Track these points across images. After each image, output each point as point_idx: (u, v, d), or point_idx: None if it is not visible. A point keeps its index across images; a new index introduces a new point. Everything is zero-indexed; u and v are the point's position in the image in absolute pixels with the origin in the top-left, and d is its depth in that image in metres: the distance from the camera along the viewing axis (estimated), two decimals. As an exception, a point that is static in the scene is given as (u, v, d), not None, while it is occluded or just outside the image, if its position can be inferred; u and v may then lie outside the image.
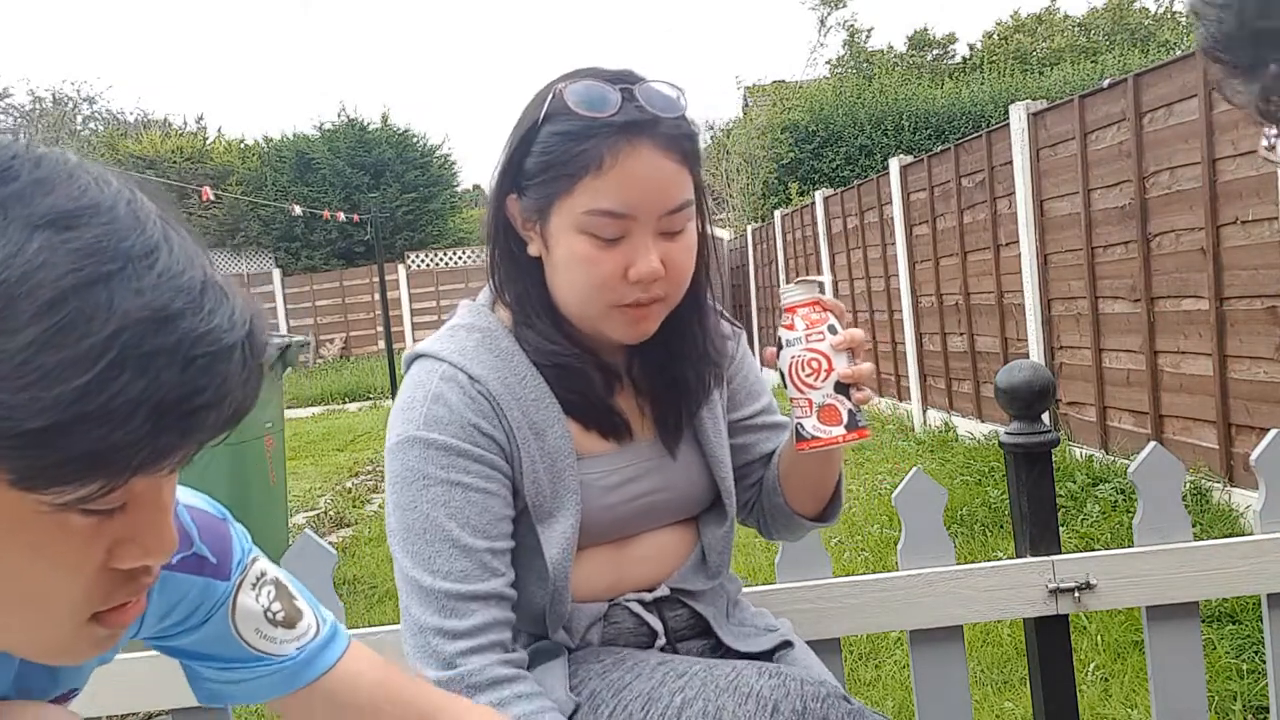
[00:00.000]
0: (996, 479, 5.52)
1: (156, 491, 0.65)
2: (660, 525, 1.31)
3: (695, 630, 1.34)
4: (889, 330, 9.04)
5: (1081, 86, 15.12)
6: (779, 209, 13.41)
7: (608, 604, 1.28)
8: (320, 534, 5.49)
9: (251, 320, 0.63)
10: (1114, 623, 3.40)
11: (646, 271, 1.15)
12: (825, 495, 1.38)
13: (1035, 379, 1.69)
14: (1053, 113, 5.90)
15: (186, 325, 0.59)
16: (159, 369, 0.57)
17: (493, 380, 1.20)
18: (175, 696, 1.60)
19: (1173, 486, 1.69)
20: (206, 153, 25.10)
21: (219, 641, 0.90)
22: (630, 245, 1.15)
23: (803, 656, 1.37)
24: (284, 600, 0.92)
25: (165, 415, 0.58)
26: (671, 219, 1.17)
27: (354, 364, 19.11)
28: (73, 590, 0.64)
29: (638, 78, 1.17)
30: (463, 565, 1.14)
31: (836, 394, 1.17)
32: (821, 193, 10.71)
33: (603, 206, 1.14)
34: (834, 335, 1.17)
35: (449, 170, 25.89)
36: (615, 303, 1.18)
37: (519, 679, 1.15)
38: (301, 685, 0.93)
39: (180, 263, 0.60)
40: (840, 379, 1.17)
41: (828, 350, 1.17)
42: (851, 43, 25.24)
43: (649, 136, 1.14)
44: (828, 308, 1.18)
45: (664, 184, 1.15)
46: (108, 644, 0.70)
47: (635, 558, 1.29)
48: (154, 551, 0.66)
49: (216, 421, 0.61)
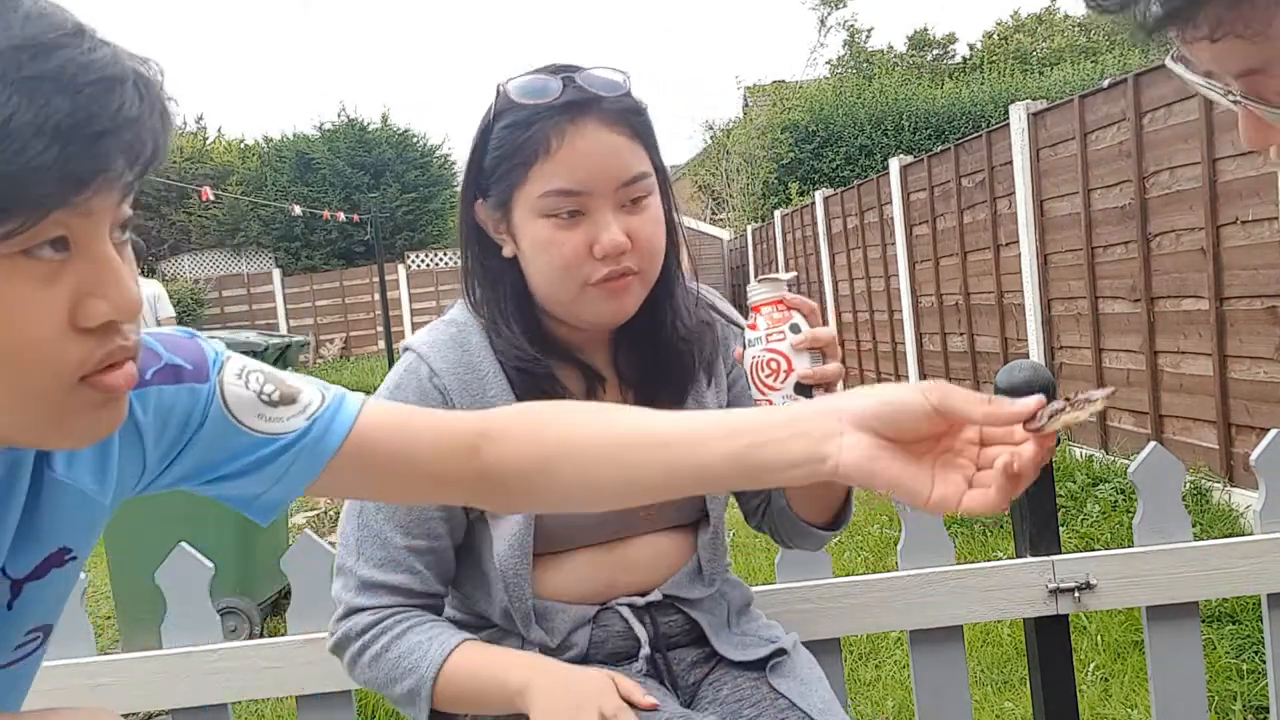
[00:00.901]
0: (996, 479, 5.51)
1: (101, 241, 0.66)
2: (653, 530, 1.30)
3: (690, 638, 1.32)
4: (889, 330, 9.04)
5: (1081, 86, 15.12)
6: (779, 209, 13.42)
7: (598, 607, 1.27)
8: (320, 534, 5.49)
9: (139, 67, 0.66)
10: (1114, 623, 3.40)
11: (610, 244, 1.16)
12: (834, 503, 1.33)
13: (1035, 379, 1.69)
14: (1053, 113, 5.90)
15: (65, 55, 0.61)
16: (47, 94, 0.59)
17: (449, 376, 1.23)
18: (175, 696, 1.60)
19: (1173, 486, 1.69)
20: (206, 153, 25.08)
21: (227, 439, 0.88)
22: (591, 222, 1.17)
23: (802, 669, 1.33)
24: (275, 382, 0.91)
25: (67, 142, 0.60)
26: (629, 190, 1.18)
27: (354, 364, 19.10)
28: (45, 347, 0.65)
29: (579, 66, 1.20)
30: (379, 555, 1.22)
31: (797, 395, 1.12)
32: (821, 193, 10.72)
33: (555, 186, 1.16)
34: (795, 335, 1.13)
35: (449, 170, 25.86)
36: (586, 280, 1.18)
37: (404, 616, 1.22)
38: (329, 456, 0.90)
39: (49, 8, 0.64)
40: (800, 380, 1.12)
41: (787, 350, 1.12)
42: (851, 43, 25.26)
43: (593, 114, 1.16)
44: (792, 305, 1.14)
45: (614, 157, 1.17)
46: (106, 415, 0.71)
47: (628, 562, 1.29)
48: (118, 304, 0.67)
49: (124, 152, 0.63)
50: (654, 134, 1.23)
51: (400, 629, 1.21)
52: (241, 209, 22.82)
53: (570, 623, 1.26)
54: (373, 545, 1.22)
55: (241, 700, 1.63)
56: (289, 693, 1.61)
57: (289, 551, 1.61)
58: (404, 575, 1.22)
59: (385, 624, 1.22)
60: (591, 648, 1.27)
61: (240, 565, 4.23)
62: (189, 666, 1.59)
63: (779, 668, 1.31)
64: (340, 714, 1.62)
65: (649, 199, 1.21)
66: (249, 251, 23.93)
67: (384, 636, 1.21)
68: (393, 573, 1.22)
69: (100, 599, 4.96)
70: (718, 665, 1.32)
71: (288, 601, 1.65)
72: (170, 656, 1.59)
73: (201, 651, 1.59)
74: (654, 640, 1.28)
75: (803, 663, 1.35)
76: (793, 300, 1.14)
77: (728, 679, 1.30)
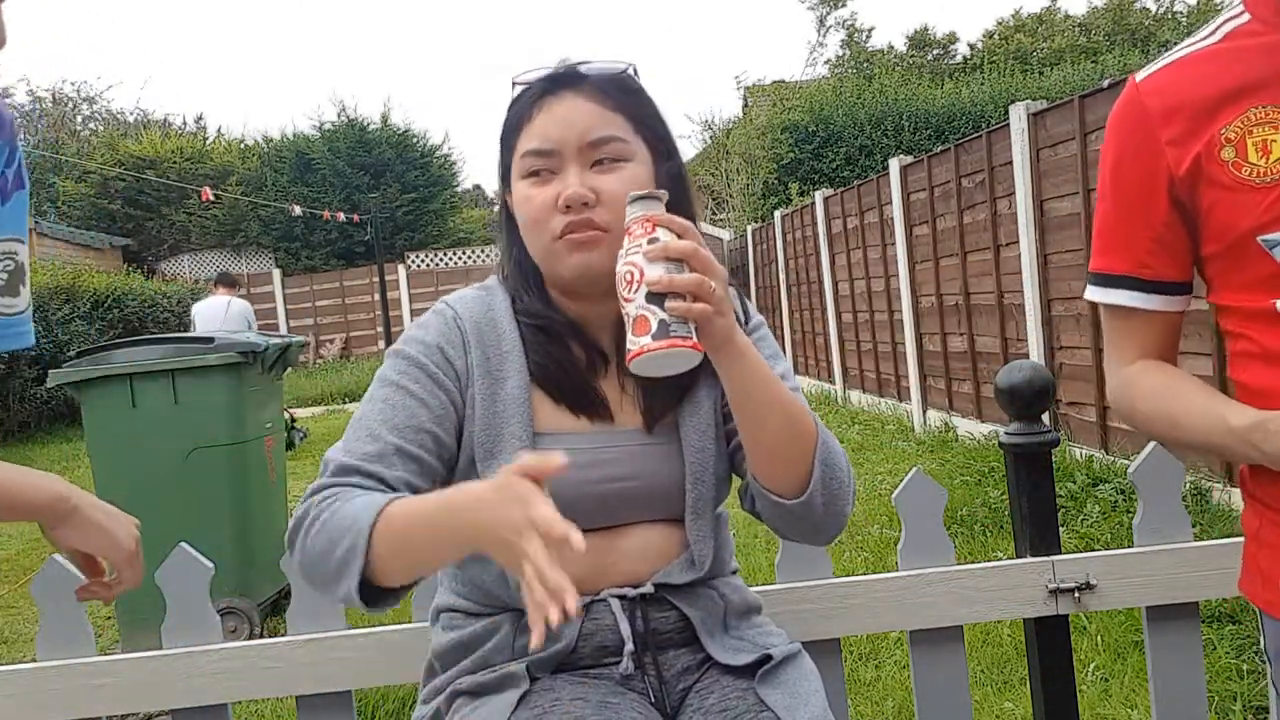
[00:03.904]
0: (996, 479, 5.52)
1: None
2: (644, 519, 1.30)
3: (683, 638, 1.30)
4: (889, 330, 9.04)
5: (1081, 86, 15.12)
6: (779, 209, 13.42)
7: (589, 599, 1.26)
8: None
9: None
10: (1114, 623, 3.40)
11: (570, 195, 1.23)
12: (794, 462, 1.23)
13: (1035, 379, 1.69)
14: (1053, 113, 5.90)
15: None
16: None
17: (469, 322, 1.31)
18: (175, 696, 1.60)
19: (1173, 487, 1.69)
20: (206, 153, 25.07)
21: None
22: (560, 179, 1.26)
23: (796, 682, 1.28)
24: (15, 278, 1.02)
25: None
26: (597, 150, 1.25)
27: (354, 364, 19.10)
28: None
29: (584, 60, 1.31)
30: (366, 448, 1.23)
31: (648, 304, 1.10)
32: (821, 193, 10.71)
33: (530, 147, 1.27)
34: (650, 245, 1.11)
35: (449, 170, 25.88)
36: (554, 234, 1.25)
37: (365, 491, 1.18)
38: None
39: None
40: (649, 288, 1.10)
41: (640, 261, 1.11)
42: (851, 43, 25.26)
43: (573, 87, 1.27)
44: (657, 222, 1.13)
45: (584, 120, 1.26)
46: None
47: (619, 551, 1.28)
48: None
49: None
50: (650, 113, 1.31)
51: (341, 500, 1.17)
52: (241, 209, 22.82)
53: None
54: (361, 439, 1.23)
55: (241, 700, 1.63)
56: (289, 693, 1.62)
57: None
58: (380, 466, 1.21)
59: (337, 492, 1.18)
60: (580, 640, 1.26)
61: (240, 565, 4.24)
62: (189, 666, 1.59)
63: (770, 677, 1.28)
64: (340, 714, 1.62)
65: (625, 164, 1.26)
66: (249, 251, 23.92)
67: (325, 511, 1.17)
68: (370, 462, 1.21)
69: (100, 599, 4.96)
70: (708, 671, 1.30)
71: (288, 601, 1.65)
72: (170, 656, 1.60)
73: (201, 651, 1.59)
74: (643, 638, 1.27)
75: (800, 675, 1.30)
76: (659, 217, 1.13)
77: (716, 687, 1.28)
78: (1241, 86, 1.14)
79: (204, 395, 4.19)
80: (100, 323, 13.75)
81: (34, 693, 1.58)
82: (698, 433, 1.32)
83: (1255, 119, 1.13)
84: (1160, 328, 1.29)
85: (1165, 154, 1.18)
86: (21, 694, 1.57)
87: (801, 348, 12.51)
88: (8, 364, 11.57)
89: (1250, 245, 1.14)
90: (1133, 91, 1.24)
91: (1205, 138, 1.15)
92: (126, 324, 14.25)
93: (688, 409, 1.32)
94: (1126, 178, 1.23)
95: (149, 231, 23.33)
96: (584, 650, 1.27)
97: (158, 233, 23.43)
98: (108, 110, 32.31)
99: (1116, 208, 1.25)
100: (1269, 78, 1.14)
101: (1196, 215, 1.19)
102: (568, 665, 1.27)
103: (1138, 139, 1.21)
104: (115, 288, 14.59)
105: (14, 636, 4.82)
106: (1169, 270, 1.23)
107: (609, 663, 1.27)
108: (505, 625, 1.28)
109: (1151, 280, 1.24)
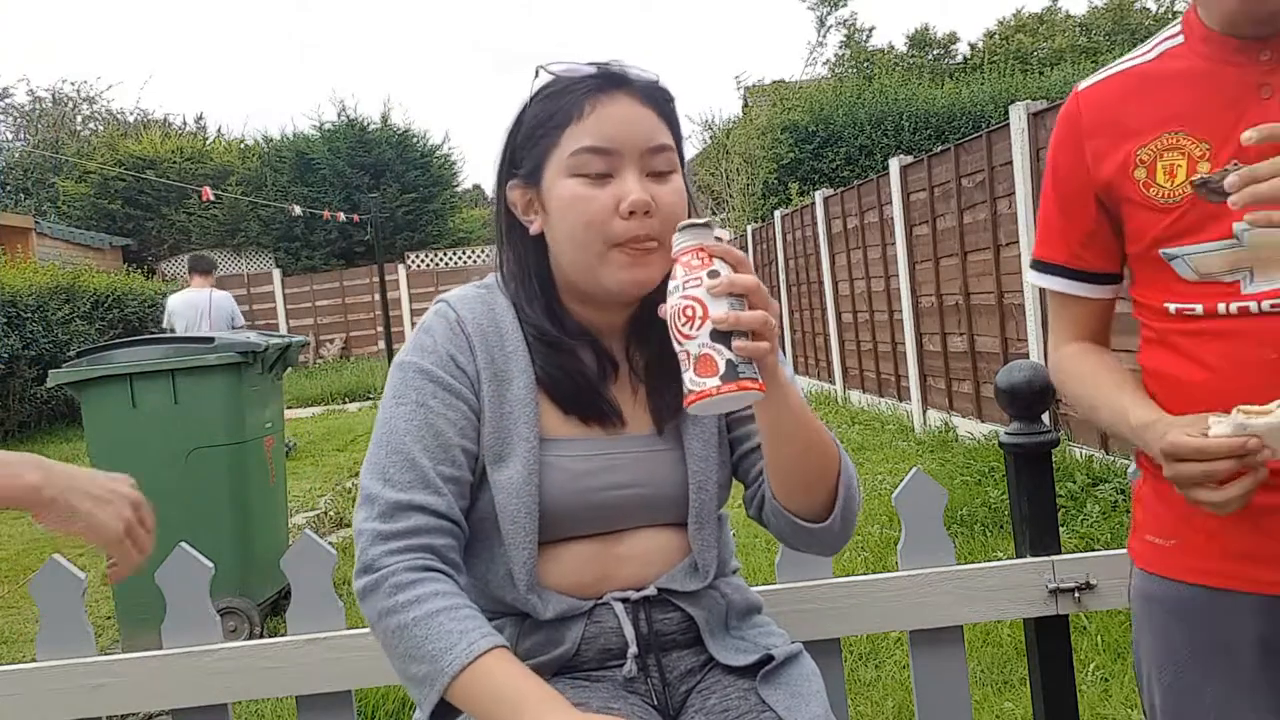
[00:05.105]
0: (996, 479, 5.52)
1: None
2: (649, 524, 1.30)
3: (686, 639, 1.30)
4: (889, 330, 9.04)
5: (1081, 86, 15.06)
6: (779, 209, 13.41)
7: (593, 602, 1.27)
8: (320, 534, 5.49)
9: None
10: (1114, 623, 3.40)
11: (638, 200, 1.19)
12: (818, 490, 1.26)
13: (1035, 379, 1.69)
14: (1053, 113, 5.90)
15: None
16: None
17: (473, 324, 1.28)
18: (175, 696, 1.60)
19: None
20: (206, 153, 25.07)
21: None
22: (618, 182, 1.21)
23: (798, 682, 1.29)
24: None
25: None
26: (654, 159, 1.23)
27: (354, 364, 19.10)
28: None
29: (614, 61, 1.28)
30: (408, 477, 1.21)
31: (714, 343, 1.06)
32: (821, 193, 10.71)
33: (586, 144, 1.21)
34: (712, 280, 1.07)
35: (449, 170, 25.88)
36: (611, 240, 1.21)
37: (438, 578, 1.17)
38: None
39: None
40: (715, 326, 1.06)
41: (703, 296, 1.07)
42: (851, 43, 25.26)
43: (624, 89, 1.24)
44: (713, 253, 1.09)
45: (642, 124, 1.23)
46: None
47: (623, 555, 1.28)
48: None
49: None
50: (679, 125, 1.30)
51: (433, 606, 1.14)
52: (241, 209, 22.81)
53: (560, 608, 1.25)
54: (400, 468, 1.21)
55: (241, 700, 1.63)
56: (289, 693, 1.61)
57: (289, 551, 1.61)
58: (431, 496, 1.21)
59: (418, 590, 1.15)
60: (583, 643, 1.26)
61: (240, 565, 4.24)
62: (189, 666, 1.59)
63: (772, 678, 1.28)
64: (340, 714, 1.62)
65: (673, 175, 1.25)
66: (249, 251, 23.92)
67: (414, 609, 1.14)
68: (419, 492, 1.20)
69: (100, 599, 4.96)
70: (710, 672, 1.30)
71: (288, 601, 1.65)
72: (170, 656, 1.59)
73: (201, 651, 1.59)
74: (646, 641, 1.27)
75: (801, 675, 1.30)
76: (714, 247, 1.10)
77: (717, 688, 1.28)
78: (1161, 110, 1.24)
79: (204, 395, 4.19)
80: (100, 323, 13.76)
81: (34, 693, 1.58)
82: (701, 440, 1.32)
83: (1167, 144, 1.23)
84: (1093, 312, 1.40)
85: (1090, 165, 1.30)
86: (21, 694, 1.57)
87: (801, 348, 12.51)
88: (8, 364, 11.57)
89: (1154, 254, 1.24)
90: (1074, 100, 1.34)
91: (1122, 156, 1.26)
92: (126, 324, 14.26)
93: (691, 417, 1.32)
94: (1062, 180, 1.34)
95: (149, 231, 23.33)
96: (587, 653, 1.27)
97: (158, 233, 23.43)
98: (108, 110, 32.32)
99: (1054, 205, 1.36)
100: (1186, 105, 1.23)
101: (1119, 220, 1.29)
102: (570, 668, 1.27)
103: (1069, 147, 1.33)
104: (115, 288, 14.61)
105: (14, 636, 4.82)
106: (1099, 262, 1.35)
107: (612, 666, 1.27)
108: (508, 627, 1.27)
109: (1083, 270, 1.36)
